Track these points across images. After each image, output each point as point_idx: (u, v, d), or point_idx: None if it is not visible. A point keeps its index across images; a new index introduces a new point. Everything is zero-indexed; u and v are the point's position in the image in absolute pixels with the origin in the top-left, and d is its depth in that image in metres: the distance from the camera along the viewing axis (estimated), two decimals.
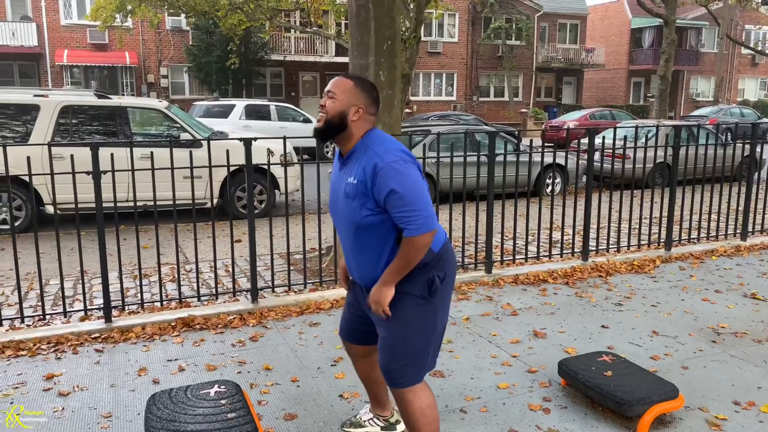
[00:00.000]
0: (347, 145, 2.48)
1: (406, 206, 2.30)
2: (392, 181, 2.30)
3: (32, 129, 7.78)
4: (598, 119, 22.32)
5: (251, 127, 16.83)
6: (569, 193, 10.42)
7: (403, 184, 2.30)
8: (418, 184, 2.33)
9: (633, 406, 3.07)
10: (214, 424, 2.48)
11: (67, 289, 5.43)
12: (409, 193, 2.30)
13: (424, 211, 2.31)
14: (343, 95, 2.45)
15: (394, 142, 2.45)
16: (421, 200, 2.32)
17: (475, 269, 5.78)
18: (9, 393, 3.48)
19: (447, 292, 2.57)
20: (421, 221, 2.30)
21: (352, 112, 2.44)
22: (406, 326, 2.48)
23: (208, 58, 24.05)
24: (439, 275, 2.48)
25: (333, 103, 2.44)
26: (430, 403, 2.55)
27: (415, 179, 2.34)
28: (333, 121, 2.44)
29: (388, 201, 2.32)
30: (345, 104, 2.44)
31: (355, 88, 2.46)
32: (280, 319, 4.67)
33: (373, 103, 2.49)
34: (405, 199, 2.30)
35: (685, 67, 35.13)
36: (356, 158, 2.44)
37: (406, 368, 2.50)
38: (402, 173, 2.31)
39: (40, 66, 24.45)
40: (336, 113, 2.44)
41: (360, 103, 2.45)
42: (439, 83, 31.39)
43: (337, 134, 2.46)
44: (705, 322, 4.61)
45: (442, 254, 2.51)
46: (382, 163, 2.32)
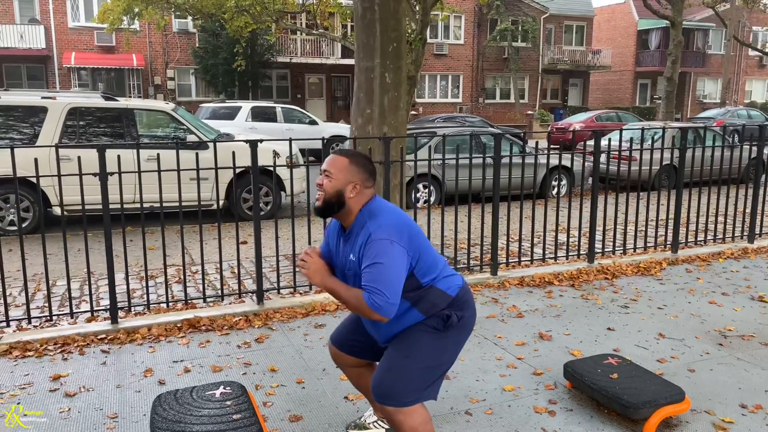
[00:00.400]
0: (347, 220, 2.53)
1: (378, 283, 2.33)
2: (376, 255, 2.35)
3: (40, 131, 7.82)
4: (604, 121, 22.25)
5: (257, 129, 16.87)
6: (575, 195, 10.40)
7: (383, 263, 2.34)
8: (398, 268, 2.36)
9: (639, 409, 3.05)
10: (219, 425, 2.48)
11: (73, 290, 5.46)
12: (386, 274, 2.34)
13: (390, 297, 2.33)
14: (340, 174, 2.49)
15: (389, 216, 2.47)
16: (393, 285, 2.34)
17: (481, 271, 5.77)
18: (16, 393, 3.50)
19: (462, 334, 2.58)
20: (382, 303, 2.32)
21: (348, 190, 2.48)
22: (411, 346, 2.50)
23: (214, 60, 24.14)
24: (458, 314, 2.52)
25: (330, 182, 2.49)
26: (423, 420, 2.48)
27: (398, 262, 2.37)
28: (331, 200, 2.49)
29: (366, 270, 2.36)
30: (342, 182, 2.48)
31: (351, 165, 2.50)
32: (286, 321, 4.67)
33: (369, 177, 2.54)
34: (381, 276, 2.33)
35: (692, 68, 35.00)
36: (356, 233, 2.49)
37: (396, 387, 2.46)
38: (387, 254, 2.35)
39: (48, 68, 24.60)
40: (333, 192, 2.48)
41: (356, 179, 2.49)
42: (445, 85, 31.38)
43: (337, 212, 2.51)
44: (712, 325, 4.59)
45: (460, 298, 2.55)
46: (373, 237, 2.38)
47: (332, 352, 2.91)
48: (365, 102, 5.73)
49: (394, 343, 2.55)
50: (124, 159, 4.67)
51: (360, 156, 2.57)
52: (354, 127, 5.89)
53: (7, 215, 7.89)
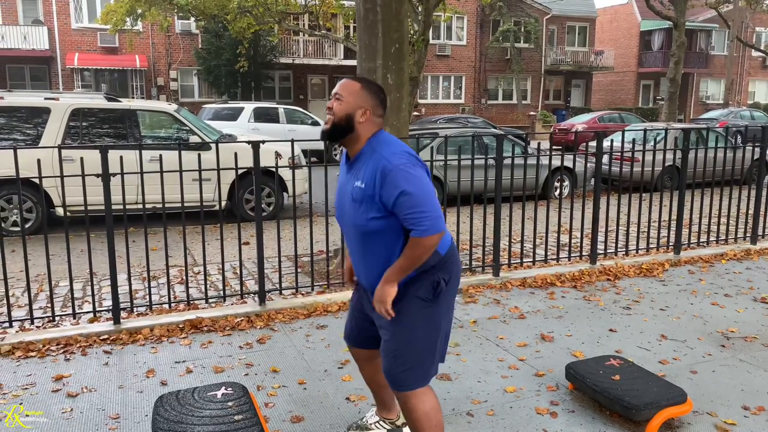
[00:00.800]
0: (354, 147, 2.49)
1: (416, 207, 2.30)
2: (402, 182, 2.30)
3: (43, 132, 7.84)
4: (606, 122, 22.23)
5: (260, 130, 16.88)
6: (577, 197, 10.39)
7: (412, 186, 2.30)
8: (426, 186, 2.34)
9: (641, 410, 3.05)
10: (221, 426, 2.48)
11: (76, 290, 5.47)
12: (419, 195, 2.30)
13: (432, 212, 2.31)
14: (351, 97, 2.45)
15: (401, 145, 2.46)
16: (430, 202, 2.32)
17: (483, 272, 5.77)
18: (18, 393, 3.51)
19: (451, 294, 2.57)
20: (430, 223, 2.30)
21: (359, 114, 2.44)
22: (410, 329, 2.48)
23: (217, 61, 24.17)
24: (445, 278, 2.49)
25: (340, 105, 2.45)
26: (434, 407, 2.54)
27: (424, 181, 2.35)
28: (340, 123, 2.45)
29: (397, 203, 2.32)
30: (352, 106, 2.44)
31: (363, 90, 2.47)
32: (288, 322, 4.68)
33: (380, 105, 2.50)
34: (414, 200, 2.30)
35: (695, 69, 34.96)
36: (363, 161, 2.44)
37: (409, 372, 2.49)
38: (411, 175, 2.32)
39: (51, 69, 24.67)
40: (343, 115, 2.44)
41: (367, 105, 2.46)
42: (447, 86, 31.39)
43: (344, 136, 2.47)
44: (714, 327, 4.58)
45: (447, 257, 2.51)
46: (390, 165, 2.33)
47: (350, 350, 2.93)
48: None
49: (391, 330, 2.50)
50: (127, 160, 4.68)
51: (373, 83, 2.53)
52: None
53: (10, 216, 7.91)
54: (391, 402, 3.02)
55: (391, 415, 3.04)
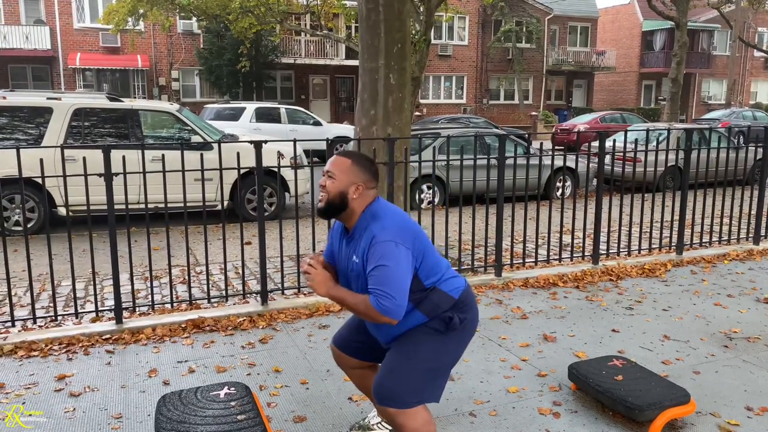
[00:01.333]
0: (350, 221, 2.53)
1: (384, 286, 2.32)
2: (381, 257, 2.34)
3: (45, 131, 7.85)
4: (608, 122, 22.22)
5: (261, 130, 16.88)
6: (579, 197, 10.38)
7: (389, 263, 2.33)
8: (403, 269, 2.36)
9: (644, 410, 3.04)
10: (223, 425, 2.48)
11: (78, 290, 5.47)
12: (392, 276, 2.33)
13: (397, 299, 2.32)
14: (342, 175, 2.48)
15: (392, 218, 2.47)
16: (400, 287, 2.34)
17: (485, 272, 5.77)
18: (21, 393, 3.51)
19: (464, 336, 2.57)
20: (389, 306, 2.31)
21: (351, 191, 2.48)
22: (413, 349, 2.49)
23: (218, 61, 24.18)
24: (460, 316, 2.51)
25: (333, 183, 2.48)
26: (425, 421, 2.48)
27: (403, 263, 2.36)
28: (334, 201, 2.49)
29: (371, 273, 2.35)
30: (344, 184, 2.48)
31: (353, 166, 2.50)
32: (290, 322, 4.68)
33: (372, 179, 2.53)
34: (385, 278, 2.33)
35: (697, 70, 34.91)
36: (359, 235, 2.48)
37: (397, 388, 2.45)
38: (392, 256, 2.35)
39: (53, 69, 24.69)
40: (336, 193, 2.48)
41: (359, 180, 2.48)
42: (449, 86, 31.38)
43: (339, 213, 2.51)
44: (717, 327, 4.57)
45: (461, 301, 2.54)
46: (376, 239, 2.38)
47: (335, 354, 2.90)
48: (369, 103, 5.73)
49: (395, 345, 2.55)
50: (129, 160, 4.68)
51: (363, 157, 2.57)
52: (358, 128, 5.89)
53: (13, 215, 7.91)
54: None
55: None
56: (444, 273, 2.55)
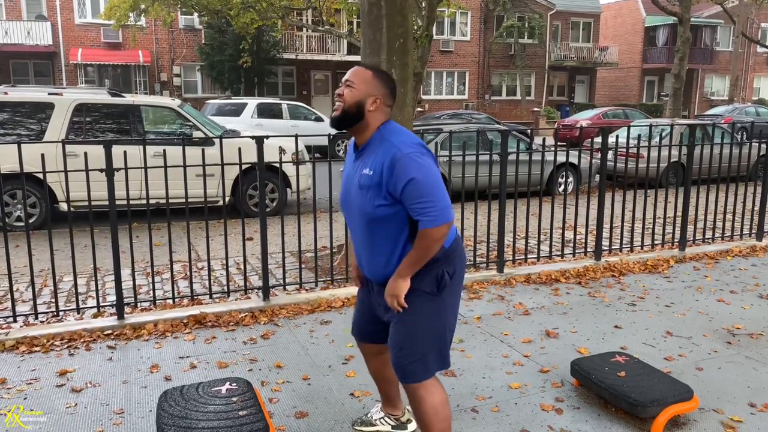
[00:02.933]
0: (363, 136, 2.48)
1: (424, 197, 2.29)
2: (411, 171, 2.29)
3: (47, 127, 7.84)
4: (611, 118, 22.17)
5: (263, 126, 16.88)
6: (582, 193, 10.35)
7: (421, 175, 2.29)
8: (435, 176, 2.33)
9: (647, 407, 3.03)
10: (225, 421, 2.48)
11: (80, 285, 5.47)
12: (427, 184, 2.29)
13: (440, 201, 2.30)
14: (362, 85, 2.44)
15: (410, 135, 2.45)
16: (438, 191, 2.31)
17: (487, 268, 5.76)
18: (23, 388, 3.51)
19: (457, 288, 2.55)
20: (437, 212, 2.29)
21: (369, 102, 2.43)
22: (414, 322, 2.47)
23: (220, 56, 24.15)
24: (449, 271, 2.47)
25: (351, 92, 2.43)
26: (442, 401, 2.54)
27: (432, 171, 2.34)
28: (350, 110, 2.43)
29: (405, 191, 2.30)
30: (363, 94, 2.43)
31: (374, 78, 2.46)
32: (292, 317, 4.67)
33: (390, 95, 2.49)
34: (422, 189, 2.29)
35: (700, 65, 34.81)
36: (372, 149, 2.43)
37: (416, 364, 2.49)
38: (420, 164, 2.31)
39: (54, 65, 24.68)
40: (353, 102, 2.43)
41: (378, 93, 2.44)
42: (451, 82, 31.32)
43: (354, 124, 2.45)
44: (720, 323, 4.56)
45: (452, 250, 2.49)
46: (400, 153, 2.32)
47: (359, 345, 2.91)
48: None
49: (395, 322, 2.52)
50: (131, 155, 4.67)
51: (384, 72, 2.53)
52: None
53: (14, 211, 7.91)
54: (396, 398, 3.01)
55: (395, 411, 3.03)
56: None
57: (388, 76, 2.52)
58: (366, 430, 3.05)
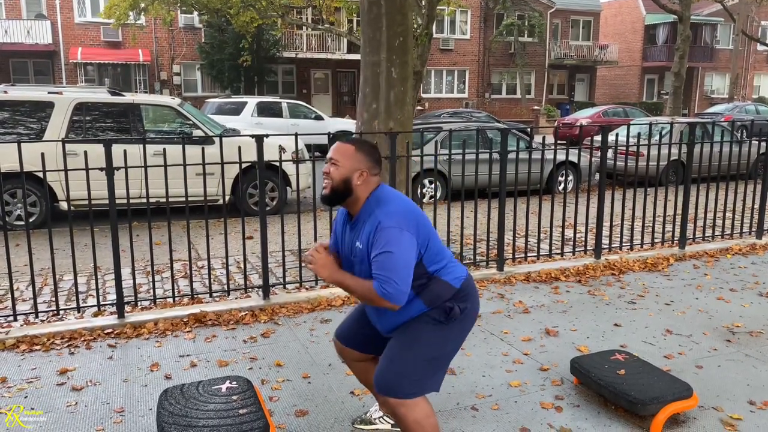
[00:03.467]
0: (355, 208, 2.52)
1: (388, 271, 2.33)
2: (385, 243, 2.34)
3: (47, 126, 7.84)
4: (611, 116, 22.16)
5: (263, 124, 16.88)
6: (582, 191, 10.35)
7: (393, 249, 2.33)
8: (408, 255, 2.36)
9: (646, 405, 3.04)
10: (225, 419, 2.48)
11: (80, 284, 5.47)
12: (395, 261, 2.33)
13: (400, 285, 2.33)
14: (346, 161, 2.47)
15: (397, 203, 2.46)
16: (403, 272, 2.34)
17: (487, 267, 5.76)
18: (23, 387, 3.51)
19: (465, 326, 2.57)
20: (392, 291, 2.32)
21: (355, 177, 2.47)
22: (413, 339, 2.49)
23: (220, 55, 24.14)
24: (461, 306, 2.51)
25: (336, 170, 2.47)
26: (426, 413, 2.48)
27: (406, 251, 2.36)
28: (338, 187, 2.48)
29: (376, 258, 2.36)
30: (348, 170, 2.47)
31: (357, 152, 2.49)
32: (292, 316, 4.68)
33: (375, 164, 2.53)
34: (389, 264, 2.33)
35: (700, 63, 34.79)
36: (363, 221, 2.48)
37: (398, 378, 2.46)
38: (397, 241, 2.35)
39: (54, 64, 24.67)
40: (340, 180, 2.47)
41: (363, 167, 2.48)
42: (451, 80, 31.30)
43: (344, 199, 2.50)
44: (719, 321, 4.57)
45: (463, 290, 2.53)
46: (381, 225, 2.37)
47: (337, 348, 2.90)
48: (371, 97, 5.71)
49: (396, 336, 2.55)
50: (131, 154, 4.67)
51: (365, 143, 2.56)
52: (360, 122, 5.87)
53: (15, 210, 7.92)
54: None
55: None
56: (447, 261, 2.54)
57: (371, 146, 2.56)
58: (366, 429, 3.06)
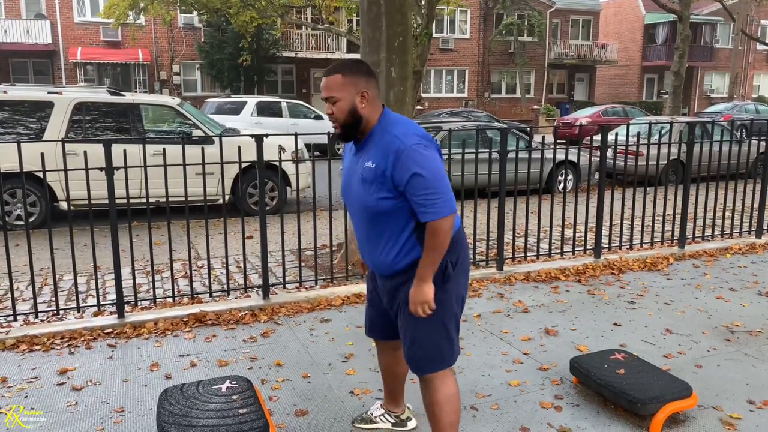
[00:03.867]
0: (365, 132, 2.46)
1: (428, 189, 2.29)
2: (415, 163, 2.29)
3: (46, 126, 7.84)
4: (610, 116, 22.16)
5: (263, 124, 16.88)
6: (581, 191, 10.36)
7: (425, 167, 2.29)
8: (439, 167, 2.33)
9: (646, 404, 3.04)
10: (225, 419, 2.48)
11: (80, 284, 5.48)
12: (431, 177, 2.29)
13: (445, 194, 2.31)
14: (341, 92, 2.40)
15: (412, 125, 2.44)
16: (442, 183, 2.32)
17: (487, 266, 5.76)
18: (24, 387, 3.51)
19: (462, 275, 2.54)
20: (442, 203, 2.30)
21: (359, 103, 2.41)
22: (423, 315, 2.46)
23: (220, 55, 24.14)
24: (452, 260, 2.47)
25: (337, 105, 2.41)
26: (454, 393, 2.56)
27: (436, 162, 2.34)
28: (347, 121, 2.43)
29: (409, 184, 2.30)
30: (348, 100, 2.40)
31: (346, 77, 2.41)
32: (291, 316, 4.68)
33: (369, 80, 2.45)
34: (427, 182, 2.29)
35: (699, 63, 34.79)
36: (374, 142, 2.41)
37: (428, 356, 2.50)
38: (424, 156, 2.31)
39: (54, 63, 24.66)
40: (346, 112, 2.41)
41: (360, 88, 2.41)
42: (451, 80, 31.30)
43: (358, 129, 2.44)
44: (719, 321, 4.57)
45: (455, 240, 2.47)
46: (403, 146, 2.31)
47: (375, 343, 2.92)
48: None
49: (403, 316, 2.51)
50: (130, 154, 4.67)
51: (349, 64, 2.46)
52: None
53: (14, 210, 7.92)
54: (400, 395, 3.02)
55: (396, 408, 3.04)
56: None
57: (356, 64, 2.47)
58: (366, 428, 3.06)
